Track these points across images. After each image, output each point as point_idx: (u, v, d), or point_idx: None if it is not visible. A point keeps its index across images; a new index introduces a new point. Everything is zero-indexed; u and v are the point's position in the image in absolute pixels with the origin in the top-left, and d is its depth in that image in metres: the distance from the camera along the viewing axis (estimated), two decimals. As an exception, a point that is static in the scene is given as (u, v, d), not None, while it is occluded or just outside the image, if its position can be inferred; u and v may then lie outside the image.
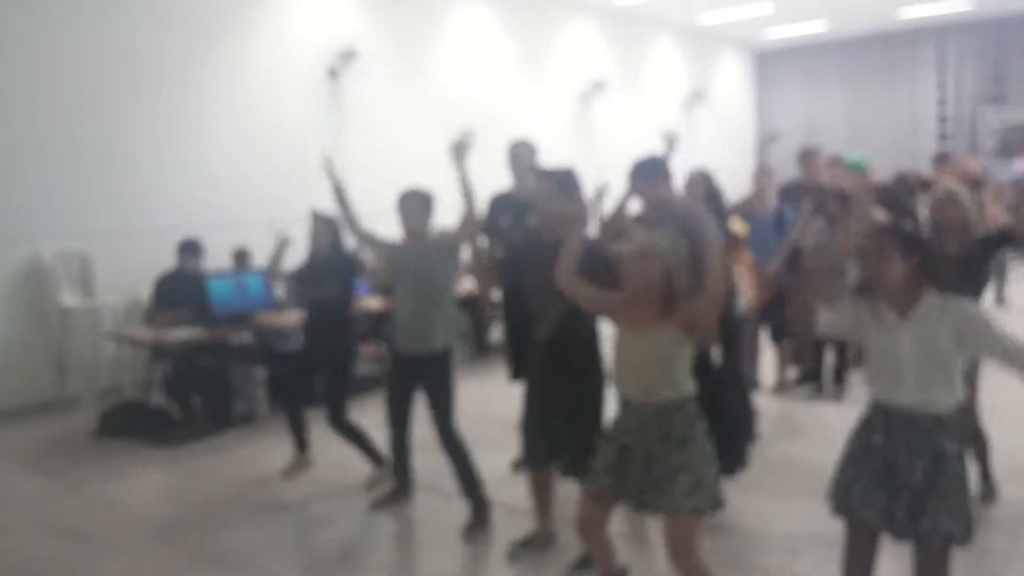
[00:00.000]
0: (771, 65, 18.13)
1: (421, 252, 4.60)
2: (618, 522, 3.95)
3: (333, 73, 9.47)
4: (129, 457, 5.99)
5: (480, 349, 9.09)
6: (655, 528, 3.85)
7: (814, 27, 15.82)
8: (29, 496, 5.31)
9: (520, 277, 4.05)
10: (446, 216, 4.89)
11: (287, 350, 7.46)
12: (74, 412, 6.98)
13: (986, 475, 4.64)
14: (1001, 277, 10.09)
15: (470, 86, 11.20)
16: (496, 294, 5.53)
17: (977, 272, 4.43)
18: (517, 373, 5.40)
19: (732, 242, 5.50)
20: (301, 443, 5.38)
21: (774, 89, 18.12)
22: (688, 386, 3.19)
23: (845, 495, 2.98)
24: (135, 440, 6.26)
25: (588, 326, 3.81)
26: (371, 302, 7.40)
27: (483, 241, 5.46)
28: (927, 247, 2.93)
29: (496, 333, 8.42)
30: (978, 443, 4.56)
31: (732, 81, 17.43)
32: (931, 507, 2.79)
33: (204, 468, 5.75)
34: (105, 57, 7.56)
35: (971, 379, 4.35)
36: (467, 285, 8.05)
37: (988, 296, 7.48)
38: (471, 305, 8.04)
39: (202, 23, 8.27)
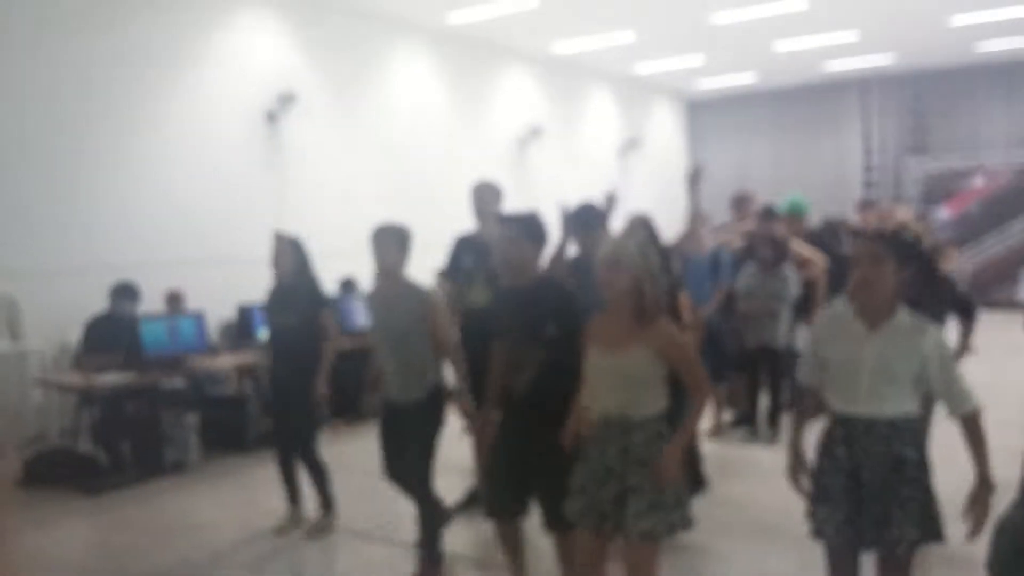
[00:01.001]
0: (702, 114, 18.60)
1: (393, 297, 4.36)
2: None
3: (271, 116, 9.47)
4: (55, 506, 5.83)
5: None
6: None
7: (743, 79, 16.32)
8: (-52, 548, 5.14)
9: (490, 328, 3.92)
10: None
11: (220, 395, 7.38)
12: (-3, 460, 6.78)
13: None
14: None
15: (409, 130, 11.29)
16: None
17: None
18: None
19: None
20: (293, 494, 5.22)
21: (706, 138, 18.58)
22: (657, 407, 3.14)
23: (817, 516, 2.99)
24: (61, 488, 6.09)
25: (568, 376, 3.52)
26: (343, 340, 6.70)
27: (447, 285, 5.42)
28: (926, 260, 2.93)
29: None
30: None
31: (665, 129, 17.84)
32: (896, 516, 2.80)
33: (133, 517, 5.61)
34: (36, 95, 7.45)
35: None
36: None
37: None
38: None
39: (138, 61, 8.21)
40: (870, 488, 2.85)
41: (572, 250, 4.70)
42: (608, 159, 15.70)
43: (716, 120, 18.42)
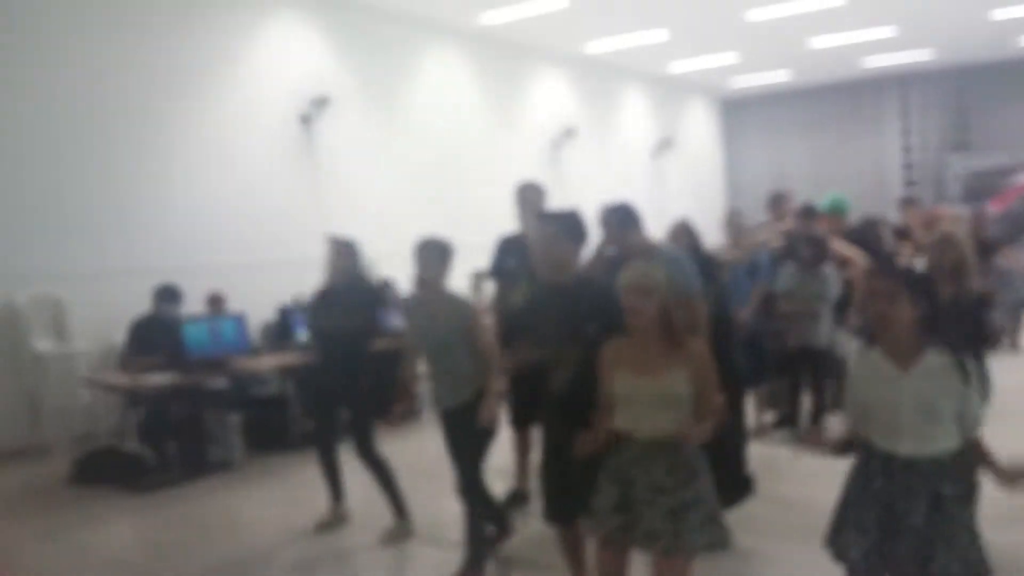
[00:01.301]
0: (738, 113, 18.51)
1: (434, 308, 4.42)
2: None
3: (306, 119, 9.57)
4: (103, 504, 5.94)
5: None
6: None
7: (779, 76, 16.22)
8: (2, 543, 5.24)
9: (531, 324, 3.91)
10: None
11: (262, 395, 7.48)
12: (47, 459, 6.91)
13: None
14: (1016, 321, 9.72)
15: (442, 132, 11.36)
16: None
17: (974, 323, 4.36)
18: (521, 420, 5.45)
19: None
20: (336, 492, 5.30)
21: (741, 136, 18.50)
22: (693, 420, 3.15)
23: (842, 541, 2.97)
24: (109, 487, 6.20)
25: None
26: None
27: (491, 285, 5.44)
28: (935, 295, 2.88)
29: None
30: None
31: (700, 129, 17.78)
32: (940, 553, 2.78)
33: (179, 515, 5.71)
34: (81, 102, 7.60)
35: None
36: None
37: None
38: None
39: (177, 68, 8.35)
40: (909, 524, 2.82)
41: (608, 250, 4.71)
42: (642, 159, 15.69)
43: (751, 119, 18.32)
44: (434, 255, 4.46)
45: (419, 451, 6.26)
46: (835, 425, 6.63)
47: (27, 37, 7.28)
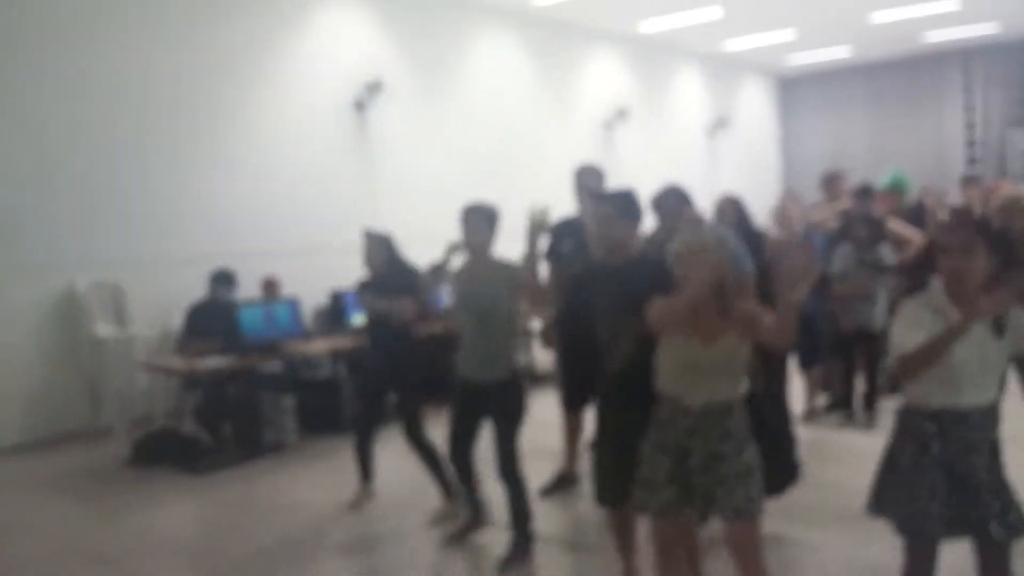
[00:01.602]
0: (795, 91, 18.17)
1: (480, 273, 4.43)
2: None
3: (359, 105, 9.62)
4: (161, 485, 6.08)
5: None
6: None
7: (838, 52, 15.86)
8: (62, 523, 5.40)
9: (584, 304, 3.85)
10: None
11: (316, 378, 7.57)
12: (107, 441, 7.08)
13: None
14: None
15: (496, 115, 11.34)
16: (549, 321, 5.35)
17: None
18: (573, 402, 5.45)
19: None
20: (366, 472, 5.42)
21: (798, 115, 18.15)
22: (744, 385, 3.18)
23: (919, 517, 2.88)
24: (167, 468, 6.35)
25: None
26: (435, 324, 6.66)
27: (545, 268, 5.42)
28: (1012, 248, 2.86)
29: (544, 360, 8.42)
30: None
31: (755, 107, 17.49)
32: (996, 503, 2.77)
33: (235, 496, 5.82)
34: (137, 93, 7.74)
35: None
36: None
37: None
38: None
39: (233, 56, 8.46)
40: (972, 478, 2.80)
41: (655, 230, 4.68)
42: (696, 139, 15.49)
43: (809, 96, 17.96)
44: (481, 221, 4.46)
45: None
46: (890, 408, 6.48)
47: (84, 31, 7.42)
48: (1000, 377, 2.92)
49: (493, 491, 4.74)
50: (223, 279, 7.25)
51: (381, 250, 5.28)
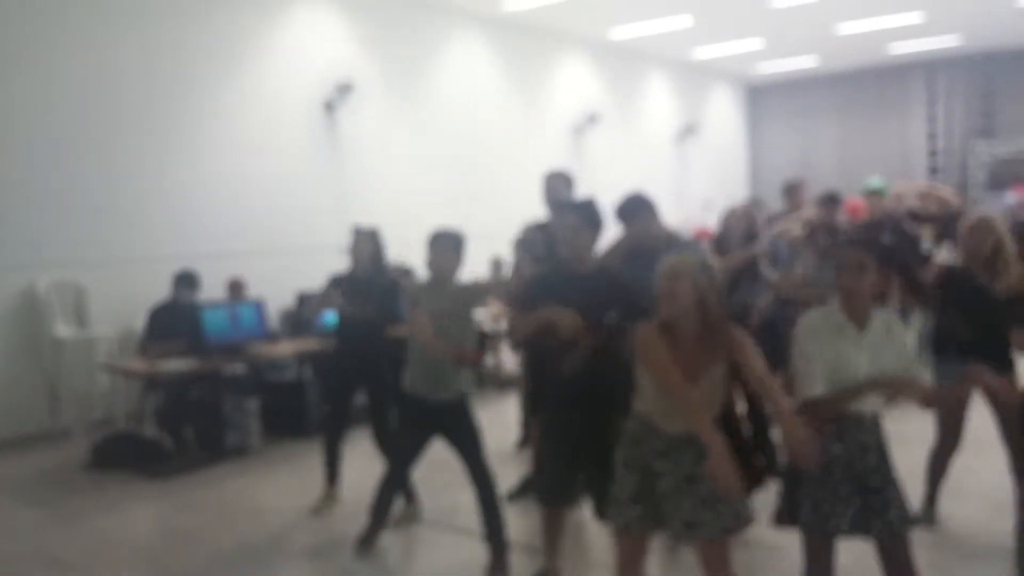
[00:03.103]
0: (763, 98, 18.28)
1: (443, 297, 4.38)
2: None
3: (329, 106, 9.53)
4: (120, 489, 5.95)
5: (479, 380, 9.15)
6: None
7: (804, 62, 15.99)
8: (20, 527, 5.27)
9: (542, 307, 3.83)
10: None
11: (281, 381, 7.48)
12: (66, 443, 6.94)
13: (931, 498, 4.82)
14: None
15: (466, 118, 11.28)
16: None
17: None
18: (538, 407, 5.42)
19: None
20: (332, 475, 5.38)
21: (765, 122, 18.27)
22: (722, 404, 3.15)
23: (824, 517, 3.03)
24: (127, 472, 6.22)
25: (621, 360, 3.52)
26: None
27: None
28: (904, 263, 3.11)
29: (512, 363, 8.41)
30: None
31: (724, 115, 17.57)
32: (892, 498, 2.97)
33: (196, 500, 5.71)
34: (101, 89, 7.60)
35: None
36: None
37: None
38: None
39: (198, 56, 8.34)
40: (869, 478, 3.00)
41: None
42: (665, 145, 15.53)
43: (776, 104, 18.09)
44: (447, 247, 4.41)
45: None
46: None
47: (50, 26, 7.28)
48: None
49: (461, 496, 4.68)
50: (186, 280, 7.12)
51: (369, 245, 5.28)
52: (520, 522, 4.93)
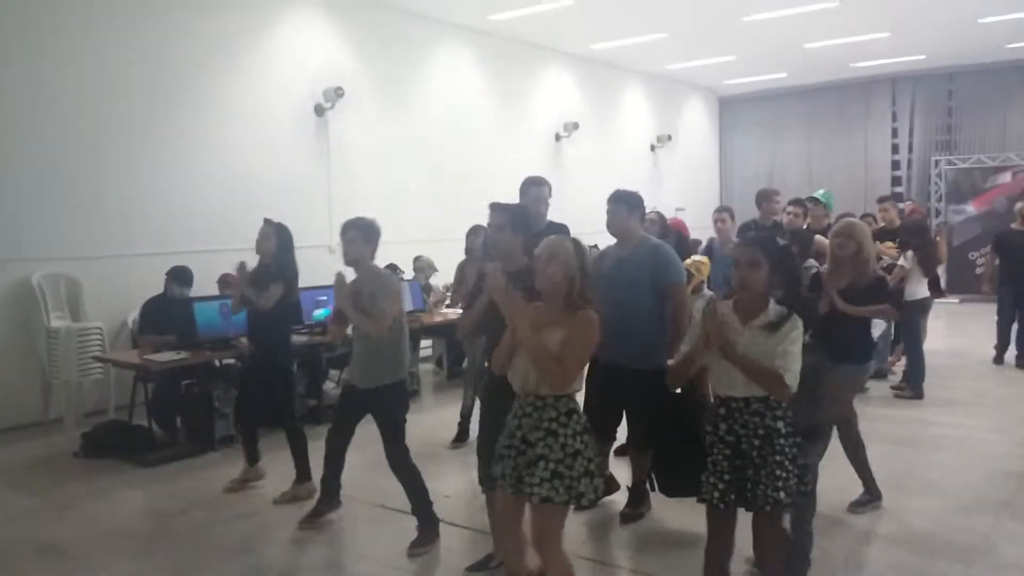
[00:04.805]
0: (734, 110, 18.37)
1: (360, 287, 4.52)
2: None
3: (319, 110, 9.49)
4: (111, 477, 5.88)
5: (451, 375, 9.15)
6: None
7: (774, 77, 16.08)
8: (11, 514, 5.19)
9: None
10: (426, 247, 4.89)
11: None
12: (59, 432, 6.86)
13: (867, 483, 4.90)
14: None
15: (451, 123, 11.26)
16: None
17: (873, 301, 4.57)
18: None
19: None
20: (251, 457, 5.58)
21: (736, 133, 18.36)
22: (572, 388, 3.23)
23: (709, 490, 3.19)
24: (117, 460, 6.15)
25: None
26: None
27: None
28: (791, 265, 3.17)
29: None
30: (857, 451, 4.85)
31: (696, 125, 17.65)
32: (764, 479, 3.06)
33: (185, 489, 5.65)
34: (97, 88, 7.52)
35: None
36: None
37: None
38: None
39: (193, 56, 8.26)
40: (748, 456, 3.10)
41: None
42: (641, 154, 15.59)
43: (747, 116, 18.18)
44: (356, 236, 4.55)
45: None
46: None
47: (44, 26, 7.19)
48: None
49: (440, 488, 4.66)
50: (178, 276, 7.07)
51: (273, 237, 5.31)
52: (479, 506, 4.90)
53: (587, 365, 3.55)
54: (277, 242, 5.29)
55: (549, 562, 3.22)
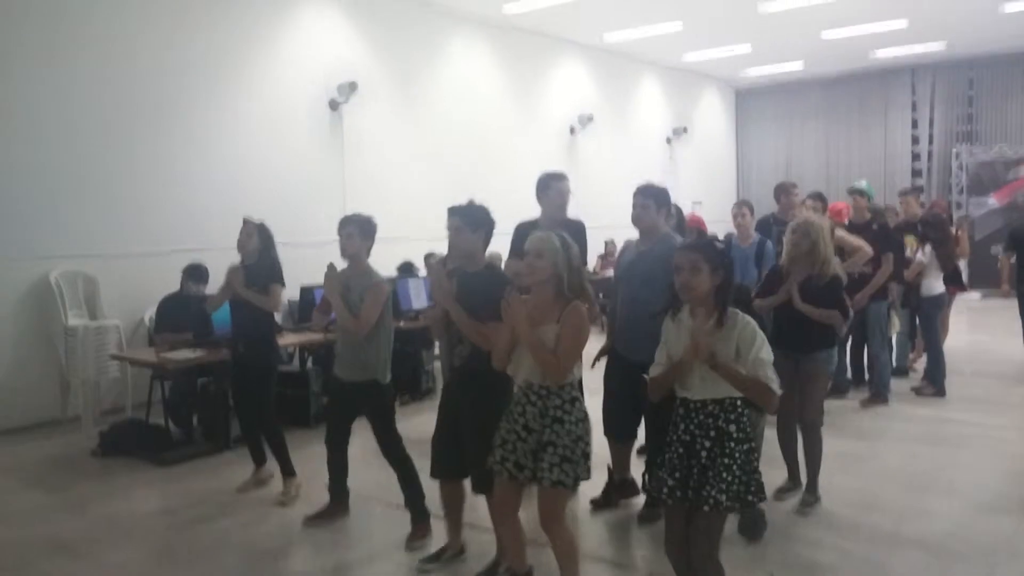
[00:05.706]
0: (750, 101, 18.21)
1: (350, 282, 4.54)
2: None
3: (334, 104, 9.45)
4: (127, 475, 5.88)
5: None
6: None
7: (791, 66, 15.90)
8: (29, 512, 5.19)
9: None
10: (441, 244, 4.80)
11: (284, 372, 7.39)
12: (76, 431, 6.86)
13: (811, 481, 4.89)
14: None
15: (465, 117, 11.21)
16: None
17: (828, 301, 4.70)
18: None
19: None
20: (257, 459, 5.55)
21: (753, 125, 18.20)
22: (573, 376, 3.36)
23: (654, 482, 3.27)
24: (134, 459, 6.15)
25: None
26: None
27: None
28: (730, 267, 3.16)
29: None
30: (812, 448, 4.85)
31: (713, 117, 17.50)
32: (711, 480, 3.05)
33: (201, 488, 5.63)
34: (114, 85, 7.53)
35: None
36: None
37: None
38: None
39: (208, 54, 8.25)
40: (698, 456, 3.10)
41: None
42: (657, 146, 15.48)
43: (764, 107, 18.02)
44: (353, 231, 4.58)
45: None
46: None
47: (67, 23, 7.19)
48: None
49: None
50: (194, 273, 7.05)
51: (255, 236, 5.32)
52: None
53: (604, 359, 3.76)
54: (260, 241, 5.31)
55: (557, 539, 3.40)
